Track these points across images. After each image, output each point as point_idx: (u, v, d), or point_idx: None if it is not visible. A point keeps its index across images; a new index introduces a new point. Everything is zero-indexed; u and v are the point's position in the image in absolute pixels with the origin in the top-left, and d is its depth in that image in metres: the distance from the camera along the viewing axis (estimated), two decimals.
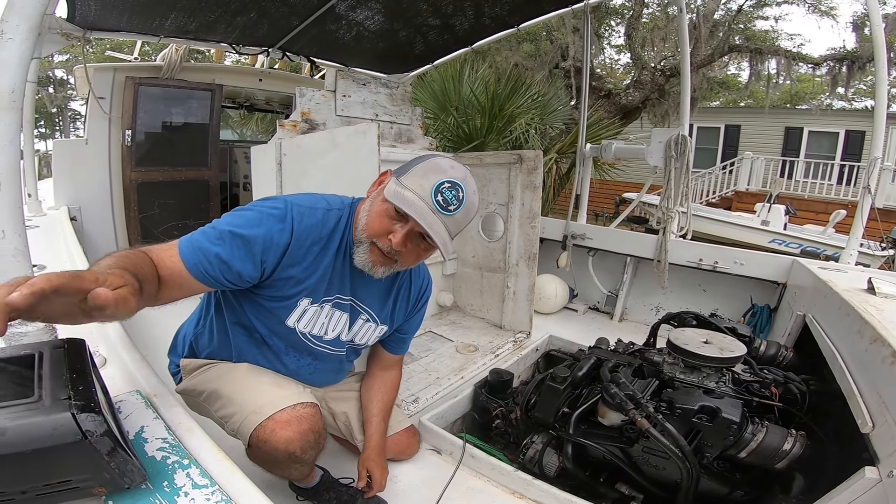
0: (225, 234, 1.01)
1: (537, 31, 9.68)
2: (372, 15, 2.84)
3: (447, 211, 1.05)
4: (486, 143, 4.95)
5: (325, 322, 1.24)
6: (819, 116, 12.07)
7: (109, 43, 5.65)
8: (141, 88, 3.08)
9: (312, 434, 1.14)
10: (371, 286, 1.27)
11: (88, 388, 0.63)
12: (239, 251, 1.01)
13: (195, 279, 0.98)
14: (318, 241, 1.14)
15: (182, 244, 0.98)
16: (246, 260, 1.02)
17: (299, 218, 1.09)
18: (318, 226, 1.13)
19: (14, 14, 0.85)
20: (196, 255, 0.97)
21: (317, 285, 1.17)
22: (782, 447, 1.27)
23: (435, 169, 1.07)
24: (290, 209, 1.09)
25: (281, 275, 1.11)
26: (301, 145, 2.01)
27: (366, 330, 1.33)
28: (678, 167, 2.73)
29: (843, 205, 8.16)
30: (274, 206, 1.08)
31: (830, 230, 7.21)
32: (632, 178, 7.90)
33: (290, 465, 1.15)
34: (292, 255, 1.09)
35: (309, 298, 1.18)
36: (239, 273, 1.02)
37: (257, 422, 1.10)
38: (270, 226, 1.05)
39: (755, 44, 9.72)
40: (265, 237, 1.04)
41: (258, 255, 1.04)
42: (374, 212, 1.10)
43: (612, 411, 1.46)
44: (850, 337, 1.39)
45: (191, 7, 2.50)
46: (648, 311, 3.07)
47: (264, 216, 1.06)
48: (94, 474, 0.62)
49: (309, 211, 1.12)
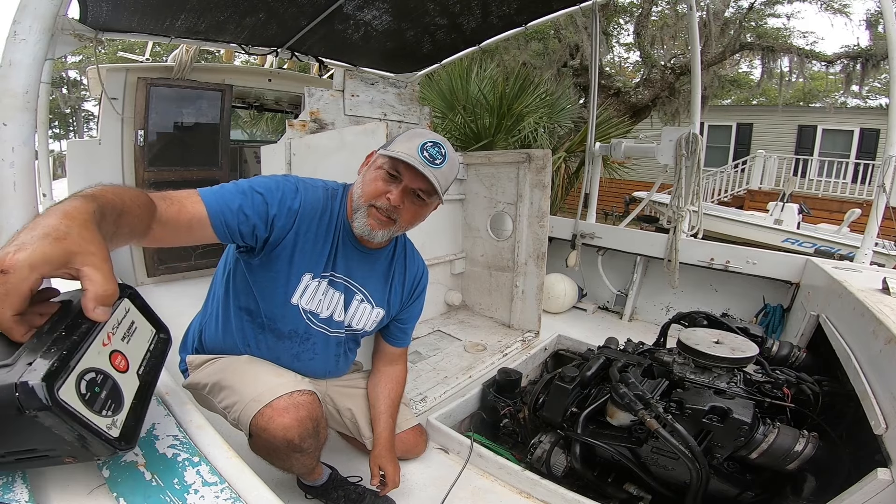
0: (247, 190, 1.09)
1: (545, 30, 9.63)
2: (379, 14, 2.84)
3: (434, 164, 1.17)
4: (495, 141, 4.94)
5: (321, 299, 1.28)
6: (833, 114, 11.87)
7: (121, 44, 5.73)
8: (153, 89, 3.11)
9: (310, 422, 1.15)
10: (365, 267, 1.32)
11: (61, 354, 0.57)
12: (259, 207, 1.09)
13: (211, 226, 1.02)
14: (321, 216, 1.23)
15: (205, 193, 1.04)
16: (263, 216, 1.11)
17: (305, 191, 1.20)
18: (321, 202, 1.23)
19: (27, 15, 0.86)
20: (220, 205, 1.03)
21: (317, 259, 1.23)
22: (794, 448, 1.25)
23: (416, 134, 1.22)
24: (299, 182, 1.21)
25: (288, 243, 1.17)
26: (310, 145, 2.02)
27: (361, 312, 1.36)
28: (689, 166, 2.71)
29: (858, 204, 8.04)
30: (286, 178, 1.20)
31: (845, 229, 7.10)
32: (642, 176, 7.82)
33: (290, 454, 1.16)
34: (300, 224, 1.18)
35: (310, 273, 1.23)
36: (254, 226, 1.09)
37: (256, 409, 1.12)
38: (286, 190, 1.15)
39: (767, 41, 9.59)
40: (281, 199, 1.14)
41: (272, 213, 1.12)
42: (369, 178, 1.21)
43: (621, 411, 1.45)
44: (865, 337, 1.37)
45: (200, 8, 2.52)
46: (658, 311, 3.05)
47: (280, 183, 1.16)
48: (58, 445, 0.60)
49: (312, 188, 1.23)
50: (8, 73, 0.88)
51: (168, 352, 0.82)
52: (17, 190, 0.93)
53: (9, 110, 0.89)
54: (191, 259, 3.42)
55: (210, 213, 1.01)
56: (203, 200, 1.01)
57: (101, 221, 0.64)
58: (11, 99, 0.88)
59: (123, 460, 0.72)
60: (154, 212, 0.86)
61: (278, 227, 1.14)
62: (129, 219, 0.75)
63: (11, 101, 0.89)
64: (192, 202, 1.00)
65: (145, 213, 0.82)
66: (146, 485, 0.68)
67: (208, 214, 1.01)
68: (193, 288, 3.21)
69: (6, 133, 0.91)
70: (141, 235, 0.83)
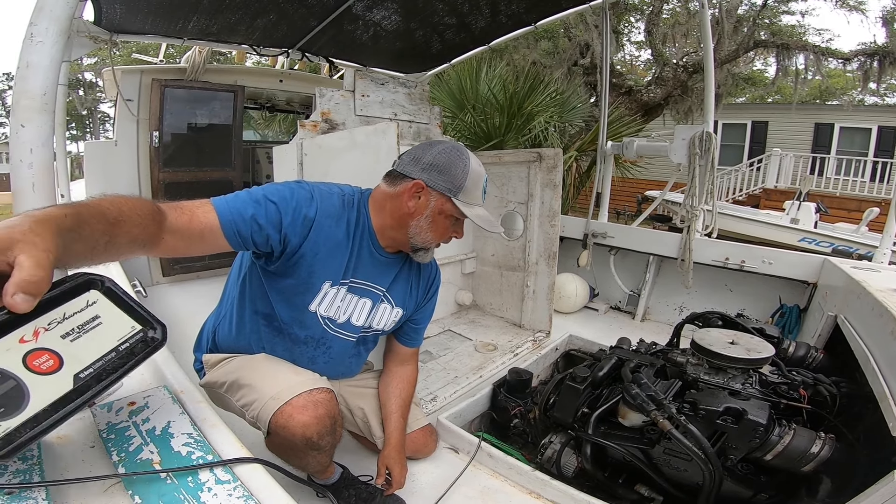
0: (260, 199, 1.08)
1: (555, 29, 9.58)
2: (388, 15, 2.85)
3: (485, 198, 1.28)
4: (505, 141, 4.93)
5: (339, 305, 1.28)
6: (850, 112, 11.63)
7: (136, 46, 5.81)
8: (167, 90, 3.15)
9: (329, 419, 1.16)
10: (387, 271, 1.33)
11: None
12: (273, 216, 1.08)
13: (224, 236, 1.02)
14: (338, 224, 1.21)
15: (217, 202, 1.03)
16: (277, 225, 1.09)
17: (321, 198, 1.17)
18: (338, 209, 1.21)
19: (43, 17, 0.87)
20: (232, 214, 1.03)
21: (336, 267, 1.22)
22: (810, 450, 1.23)
23: (478, 178, 1.24)
24: (314, 189, 1.18)
25: (306, 252, 1.16)
26: (321, 145, 2.03)
27: (383, 312, 1.37)
28: (703, 164, 2.67)
29: (877, 202, 7.88)
30: (300, 185, 1.17)
31: (863, 228, 6.97)
32: (654, 175, 7.73)
33: (308, 451, 1.17)
34: (316, 232, 1.16)
35: (330, 281, 1.23)
36: (268, 236, 1.08)
37: (275, 407, 1.12)
38: (300, 198, 1.13)
39: (781, 39, 9.43)
40: (296, 208, 1.11)
41: (287, 224, 1.10)
42: (442, 226, 1.25)
43: (633, 412, 1.43)
44: (884, 338, 1.34)
45: (212, 9, 2.54)
46: (672, 311, 3.02)
47: (294, 190, 1.14)
48: None
49: (328, 195, 1.21)
50: (26, 75, 0.89)
51: (157, 350, 0.75)
52: (35, 191, 0.94)
53: (27, 112, 0.90)
54: (205, 259, 3.45)
55: (222, 223, 1.01)
56: (215, 209, 1.01)
57: (74, 225, 0.63)
58: (30, 101, 0.90)
59: (139, 458, 0.73)
60: (162, 221, 0.87)
61: (293, 235, 1.12)
62: (126, 227, 0.75)
63: (30, 103, 0.90)
64: (204, 211, 1.00)
65: (148, 221, 0.81)
66: (161, 482, 0.69)
67: (220, 224, 1.01)
68: (208, 287, 3.24)
69: (25, 135, 0.92)
70: (147, 244, 0.83)
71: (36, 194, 0.94)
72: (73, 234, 0.62)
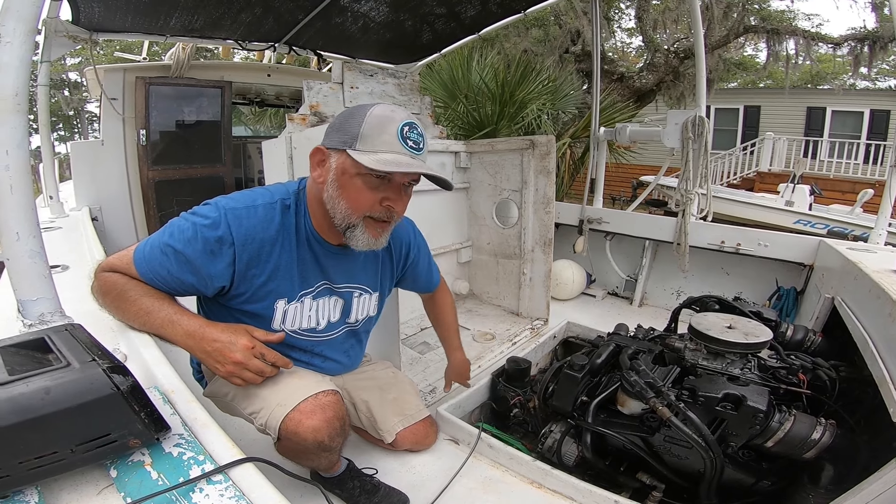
0: (167, 250, 1.04)
1: (545, 16, 9.52)
2: (377, 6, 2.80)
3: (419, 150, 1.07)
4: (498, 129, 4.90)
5: (310, 315, 1.24)
6: (842, 96, 11.66)
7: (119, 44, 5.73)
8: (152, 88, 3.10)
9: (338, 421, 1.15)
10: (350, 264, 1.28)
11: (105, 353, 0.74)
12: (184, 265, 1.04)
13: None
14: (269, 239, 1.12)
15: (137, 260, 1.05)
16: (193, 271, 1.05)
17: (237, 222, 1.07)
18: (263, 224, 1.11)
19: (10, 17, 0.86)
20: (152, 274, 1.05)
21: (286, 284, 1.17)
22: (811, 436, 1.22)
23: (384, 120, 1.04)
24: (224, 215, 1.06)
25: (243, 282, 1.12)
26: (311, 138, 1.99)
27: (360, 303, 1.35)
28: (696, 148, 2.66)
29: (871, 184, 7.91)
30: (206, 216, 1.06)
31: (858, 210, 7.00)
32: (648, 160, 7.74)
33: (320, 453, 1.16)
34: (241, 261, 1.08)
35: (283, 299, 1.18)
36: (192, 284, 1.07)
37: (283, 414, 1.10)
38: (206, 235, 1.04)
39: (771, 24, 9.41)
40: (204, 246, 1.04)
41: (202, 270, 1.06)
42: (353, 190, 1.07)
43: (632, 399, 1.43)
44: (882, 320, 1.33)
45: (193, 5, 2.50)
46: (669, 296, 3.02)
47: (198, 228, 1.04)
48: (129, 426, 0.69)
49: (246, 212, 1.09)
50: None
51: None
52: (13, 193, 0.92)
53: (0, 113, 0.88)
54: None
55: (144, 280, 1.04)
56: (136, 269, 1.04)
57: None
58: (2, 102, 0.87)
59: (130, 460, 0.72)
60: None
61: (216, 273, 1.06)
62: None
63: (2, 105, 0.88)
64: (128, 266, 1.05)
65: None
66: (152, 484, 0.68)
67: (145, 283, 1.04)
68: None
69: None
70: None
71: (14, 196, 0.91)
72: None
